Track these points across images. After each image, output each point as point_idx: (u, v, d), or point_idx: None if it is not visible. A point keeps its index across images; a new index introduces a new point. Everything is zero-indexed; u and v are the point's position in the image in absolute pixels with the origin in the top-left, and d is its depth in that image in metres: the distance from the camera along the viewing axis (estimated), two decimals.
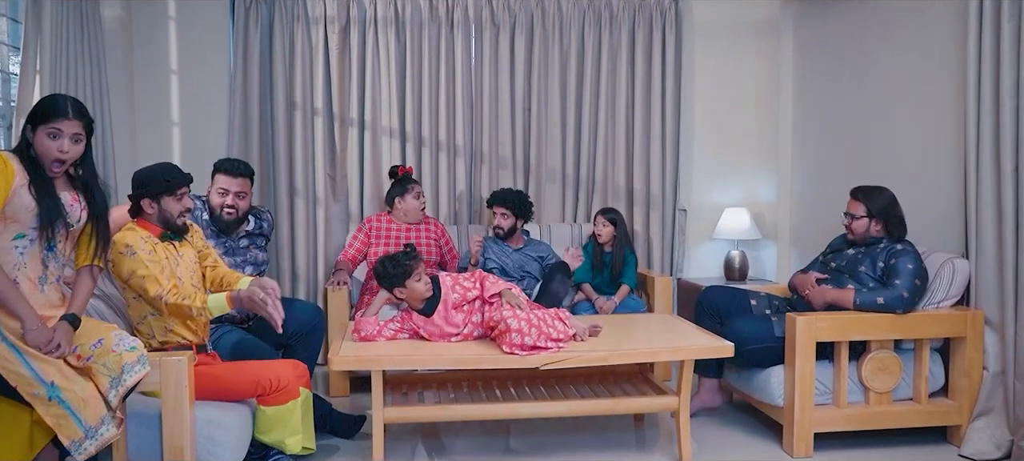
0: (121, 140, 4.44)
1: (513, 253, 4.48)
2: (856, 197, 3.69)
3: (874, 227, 3.64)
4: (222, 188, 3.69)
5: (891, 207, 3.63)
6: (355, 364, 3.13)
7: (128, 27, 4.65)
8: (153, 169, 3.04)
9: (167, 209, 2.99)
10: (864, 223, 3.65)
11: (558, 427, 3.81)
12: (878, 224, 3.64)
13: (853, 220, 3.68)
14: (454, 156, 4.99)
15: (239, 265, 3.68)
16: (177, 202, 3.01)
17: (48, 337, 2.49)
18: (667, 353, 3.29)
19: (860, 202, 3.66)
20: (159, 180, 2.98)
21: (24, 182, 2.50)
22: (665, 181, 5.17)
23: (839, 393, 3.48)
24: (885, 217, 3.62)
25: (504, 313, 3.18)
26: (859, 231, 3.66)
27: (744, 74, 5.27)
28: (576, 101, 5.09)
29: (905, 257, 3.48)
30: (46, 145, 2.54)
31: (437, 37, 4.91)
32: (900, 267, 3.46)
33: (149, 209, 2.98)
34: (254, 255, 3.78)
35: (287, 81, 4.80)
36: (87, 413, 2.48)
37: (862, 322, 3.43)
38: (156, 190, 2.97)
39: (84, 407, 2.48)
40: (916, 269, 3.45)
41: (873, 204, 3.63)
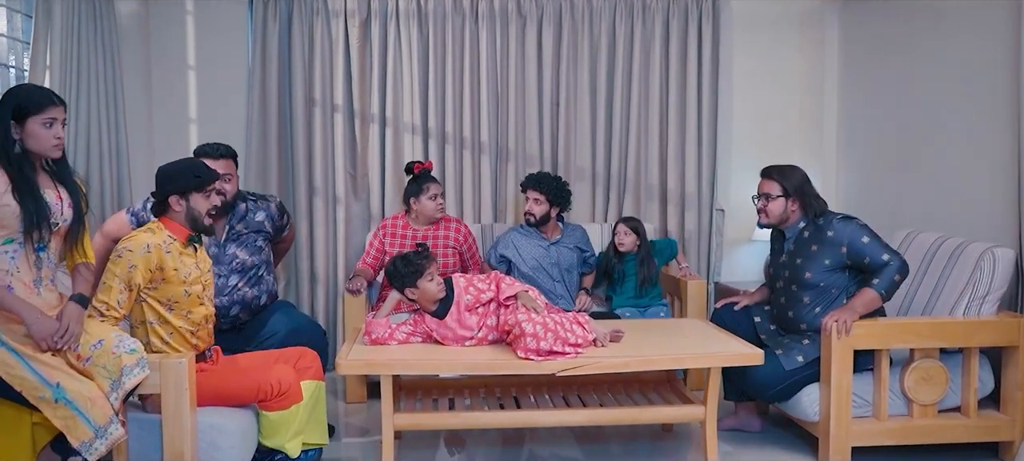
0: (138, 137, 4.51)
1: (549, 246, 4.32)
2: (770, 176, 3.60)
3: (791, 207, 3.56)
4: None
5: (805, 184, 3.55)
6: (364, 368, 3.12)
7: (145, 22, 4.72)
8: (181, 164, 3.02)
9: (196, 207, 2.97)
10: (780, 204, 3.57)
11: (582, 435, 3.76)
12: (794, 203, 3.55)
13: (768, 201, 3.59)
14: (479, 153, 4.96)
15: (224, 274, 3.57)
16: (206, 199, 3.00)
17: (54, 326, 2.51)
18: (691, 360, 3.22)
19: (775, 181, 3.57)
20: (189, 176, 2.96)
21: (6, 188, 2.51)
22: (701, 180, 5.08)
23: (879, 405, 3.37)
24: (801, 195, 3.54)
25: (519, 316, 3.14)
26: (775, 213, 3.58)
27: (786, 68, 5.16)
28: (606, 96, 5.03)
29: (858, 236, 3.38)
30: (42, 135, 2.57)
31: (461, 30, 4.89)
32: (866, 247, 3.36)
33: (177, 207, 2.95)
34: (241, 261, 3.63)
35: (306, 76, 4.82)
36: (95, 413, 2.51)
37: (903, 329, 3.32)
38: (186, 186, 2.95)
39: (92, 407, 2.51)
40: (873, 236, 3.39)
41: (789, 182, 3.55)
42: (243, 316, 3.62)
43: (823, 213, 3.54)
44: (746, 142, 5.17)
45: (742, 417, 3.79)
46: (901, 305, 3.75)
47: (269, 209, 3.78)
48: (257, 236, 3.69)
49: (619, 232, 4.39)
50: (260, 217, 3.73)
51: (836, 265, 3.43)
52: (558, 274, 4.30)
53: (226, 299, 3.55)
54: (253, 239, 3.68)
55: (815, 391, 3.39)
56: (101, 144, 3.93)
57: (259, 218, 3.72)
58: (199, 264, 3.02)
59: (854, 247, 3.38)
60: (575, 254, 4.37)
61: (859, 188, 4.84)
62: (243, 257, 3.63)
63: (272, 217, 3.78)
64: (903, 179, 4.43)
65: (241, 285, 3.59)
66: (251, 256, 3.65)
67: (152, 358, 2.66)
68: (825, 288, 3.46)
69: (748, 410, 3.79)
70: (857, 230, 3.40)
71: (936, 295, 3.59)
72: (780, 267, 3.67)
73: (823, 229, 3.47)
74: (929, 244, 3.72)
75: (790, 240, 3.62)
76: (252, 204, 3.74)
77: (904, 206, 4.41)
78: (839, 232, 3.42)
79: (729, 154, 5.18)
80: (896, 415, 3.41)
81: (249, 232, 3.67)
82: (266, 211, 3.76)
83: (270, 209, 3.79)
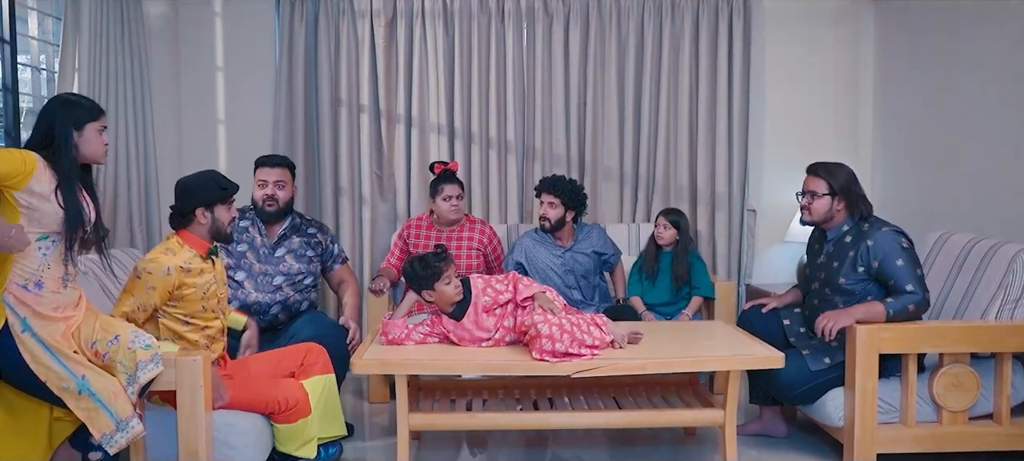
0: (167, 138, 4.64)
1: (564, 253, 4.29)
2: (816, 173, 3.54)
3: (836, 206, 3.49)
4: (261, 180, 3.85)
5: (853, 184, 3.49)
6: (378, 368, 3.18)
7: (174, 24, 4.84)
8: (204, 177, 3.09)
9: (220, 218, 3.05)
10: (826, 202, 3.49)
11: (605, 437, 3.78)
12: (840, 202, 3.49)
13: (813, 199, 3.52)
14: (505, 153, 5.00)
15: (269, 274, 3.76)
16: (227, 211, 3.08)
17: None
18: (710, 362, 3.22)
19: (821, 178, 3.51)
20: (214, 187, 3.04)
21: (53, 188, 2.62)
22: (732, 180, 5.06)
23: (907, 411, 3.33)
24: (847, 194, 3.47)
25: (535, 318, 3.17)
26: (820, 211, 3.51)
27: (820, 65, 5.11)
28: (635, 95, 5.03)
29: (894, 256, 3.32)
30: (96, 142, 2.72)
31: (487, 29, 4.94)
32: (897, 270, 3.30)
33: (203, 219, 3.03)
34: (288, 266, 3.83)
35: (332, 77, 4.90)
36: (117, 406, 2.60)
37: (931, 333, 3.27)
38: (211, 198, 3.03)
39: (115, 400, 2.60)
40: (911, 261, 3.31)
41: (835, 180, 3.48)
42: (281, 317, 3.79)
43: (869, 217, 3.48)
44: (779, 141, 5.13)
45: (767, 421, 3.77)
46: (932, 309, 3.69)
47: (324, 230, 4.07)
48: (309, 249, 3.92)
49: (659, 225, 4.33)
50: (314, 231, 3.99)
51: (870, 274, 3.39)
52: (574, 280, 4.27)
53: (268, 297, 3.73)
54: (305, 250, 3.90)
55: (840, 395, 3.36)
56: (128, 147, 4.04)
57: (313, 232, 3.98)
58: (216, 275, 3.11)
59: (886, 264, 3.33)
60: (592, 260, 4.31)
61: (895, 187, 4.78)
62: (291, 263, 3.85)
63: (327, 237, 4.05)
64: (939, 179, 4.37)
65: (285, 287, 3.79)
66: (299, 264, 3.86)
67: (169, 356, 2.74)
68: (858, 295, 3.41)
69: (774, 414, 3.77)
70: (895, 249, 3.33)
71: (968, 298, 3.53)
72: (816, 268, 3.63)
73: (865, 236, 3.40)
74: (962, 245, 3.67)
75: (831, 242, 3.56)
76: (308, 223, 4.01)
77: (940, 206, 4.35)
78: (878, 244, 3.36)
79: (761, 153, 5.14)
80: (925, 421, 3.36)
81: (303, 242, 3.91)
82: (323, 232, 4.04)
83: (325, 231, 4.07)
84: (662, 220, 4.33)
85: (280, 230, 3.88)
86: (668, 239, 4.30)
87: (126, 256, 3.76)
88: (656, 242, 4.35)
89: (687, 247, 4.30)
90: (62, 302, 2.69)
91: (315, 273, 3.94)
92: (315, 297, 3.98)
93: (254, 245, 3.81)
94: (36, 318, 2.62)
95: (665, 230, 4.30)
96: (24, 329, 2.57)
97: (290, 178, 3.91)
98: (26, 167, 2.52)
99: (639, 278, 4.39)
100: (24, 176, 2.52)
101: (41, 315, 2.63)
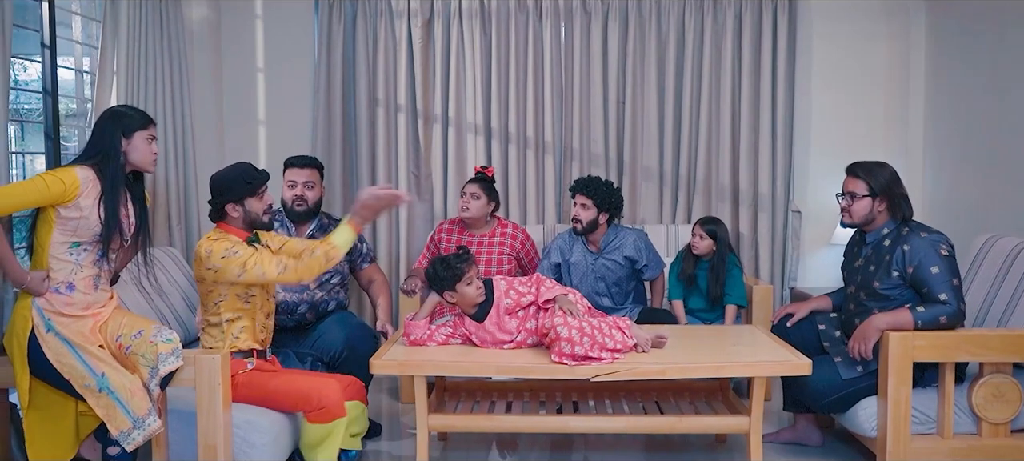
0: (208, 139, 4.77)
1: (596, 259, 4.23)
2: (855, 174, 3.44)
3: (877, 207, 3.38)
4: (291, 180, 3.95)
5: (895, 184, 3.38)
6: (396, 369, 3.23)
7: (216, 27, 4.98)
8: (231, 171, 3.22)
9: (252, 210, 3.17)
10: (866, 204, 3.39)
11: (633, 443, 3.77)
12: (881, 203, 3.38)
13: (853, 200, 3.42)
14: (542, 153, 5.02)
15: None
16: (260, 201, 3.20)
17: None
18: (733, 368, 3.19)
19: (861, 179, 3.41)
20: (241, 182, 3.16)
21: (95, 200, 2.75)
22: (775, 180, 4.98)
23: (944, 422, 3.24)
24: (889, 195, 3.36)
25: (555, 320, 3.18)
26: (860, 213, 3.41)
27: (869, 61, 4.99)
28: (675, 93, 4.99)
29: (929, 263, 3.21)
30: (144, 150, 2.89)
31: (524, 28, 4.96)
32: (931, 277, 3.20)
33: (234, 213, 3.16)
34: None
35: (370, 77, 4.98)
36: (134, 404, 2.71)
37: (970, 341, 3.18)
38: (240, 193, 3.15)
39: (132, 398, 2.71)
40: (948, 269, 3.20)
41: (875, 181, 3.37)
42: (309, 316, 3.87)
43: (910, 221, 3.39)
44: (825, 140, 5.03)
45: (801, 429, 3.71)
46: (975, 316, 3.59)
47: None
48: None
49: (695, 234, 4.23)
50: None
51: (905, 280, 3.30)
52: (605, 287, 4.24)
53: (295, 296, 3.81)
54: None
55: (873, 404, 3.29)
56: (166, 148, 4.16)
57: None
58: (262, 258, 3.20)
59: (921, 271, 3.23)
60: (624, 267, 4.23)
61: (946, 188, 4.65)
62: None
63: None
64: (992, 180, 4.24)
65: (313, 287, 3.86)
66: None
67: (187, 353, 2.84)
68: (894, 301, 3.32)
69: (808, 422, 3.71)
70: (932, 255, 3.22)
71: (1013, 304, 3.42)
72: (854, 272, 3.56)
73: (904, 239, 3.31)
74: (1008, 250, 3.56)
75: (870, 245, 3.48)
76: (334, 221, 4.03)
77: (993, 208, 4.22)
78: (915, 248, 3.26)
79: (807, 153, 5.05)
80: (963, 433, 3.27)
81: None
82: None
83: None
84: (699, 229, 4.22)
85: (308, 230, 3.96)
86: (704, 249, 4.20)
87: (165, 255, 3.90)
88: (691, 250, 4.26)
89: (724, 258, 4.19)
90: (92, 301, 2.82)
91: (343, 272, 4.01)
92: (344, 297, 4.04)
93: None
94: (63, 318, 2.74)
95: (701, 240, 4.20)
96: (48, 329, 2.71)
97: (319, 179, 4.00)
98: (67, 192, 2.69)
99: (677, 283, 4.32)
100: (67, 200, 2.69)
101: (70, 315, 2.76)
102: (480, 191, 4.31)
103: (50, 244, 2.72)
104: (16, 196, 2.64)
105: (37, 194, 2.65)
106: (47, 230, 2.72)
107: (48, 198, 2.66)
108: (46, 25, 3.64)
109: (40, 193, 2.65)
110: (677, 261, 4.35)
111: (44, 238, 2.73)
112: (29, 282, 2.70)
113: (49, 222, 2.71)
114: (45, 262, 2.73)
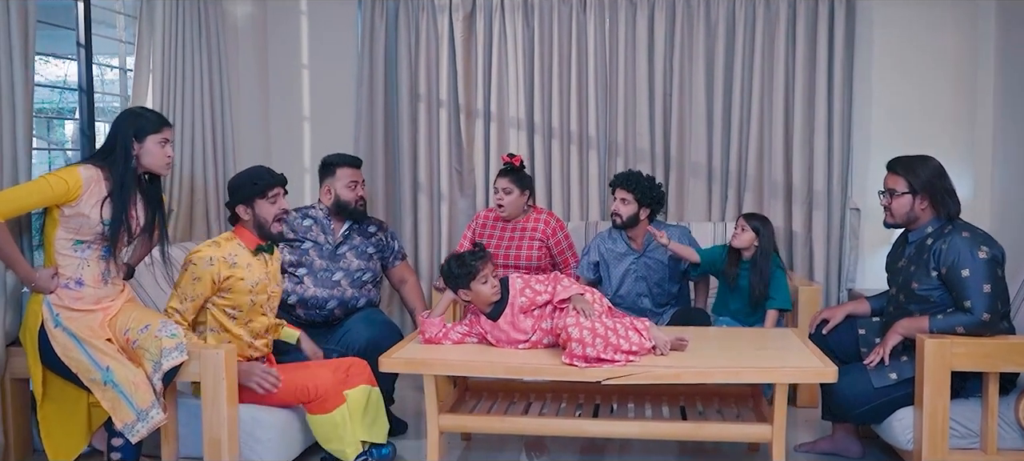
0: (254, 136, 4.90)
1: (638, 258, 4.13)
2: (895, 170, 3.28)
3: (919, 205, 3.21)
4: (352, 181, 3.99)
5: (938, 179, 3.20)
6: (403, 367, 3.23)
7: (262, 24, 5.10)
8: (244, 174, 3.30)
9: (261, 213, 3.22)
10: (907, 201, 3.22)
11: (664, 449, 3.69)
12: (923, 201, 3.20)
13: (893, 197, 3.26)
14: (586, 148, 4.95)
15: (329, 270, 3.89)
16: (271, 205, 3.24)
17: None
18: (750, 374, 3.07)
19: (900, 176, 3.25)
20: (248, 184, 3.23)
21: (99, 199, 2.85)
22: (832, 175, 4.79)
23: (987, 436, 3.05)
24: (931, 191, 3.19)
25: (568, 320, 3.12)
26: (901, 211, 3.25)
27: (934, 50, 4.74)
28: (724, 85, 4.85)
29: (961, 264, 3.04)
30: (158, 152, 2.98)
31: (568, 20, 4.90)
32: (960, 281, 3.03)
33: (245, 215, 3.23)
34: (348, 262, 3.95)
35: (412, 72, 5.01)
36: (138, 397, 2.80)
37: (1014, 350, 2.98)
38: (248, 194, 3.22)
39: (135, 391, 2.81)
40: (981, 274, 3.01)
41: (916, 177, 3.20)
42: (338, 313, 3.91)
43: (956, 219, 3.23)
44: (886, 134, 4.81)
45: (839, 440, 3.55)
46: None
47: (382, 226, 4.19)
48: (370, 246, 4.04)
49: (738, 226, 4.03)
50: (373, 229, 4.11)
51: (936, 281, 3.15)
52: (646, 288, 4.15)
53: (326, 292, 3.87)
54: (366, 247, 4.03)
55: (908, 415, 3.13)
56: (205, 146, 4.27)
57: (371, 230, 4.10)
58: (269, 273, 3.27)
59: (951, 273, 3.08)
60: (668, 266, 4.13)
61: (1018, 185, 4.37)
62: (352, 260, 3.97)
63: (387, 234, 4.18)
64: None
65: (345, 284, 3.91)
66: (359, 261, 3.98)
67: (194, 347, 2.91)
68: (935, 303, 3.16)
69: (846, 432, 3.54)
70: (966, 257, 3.06)
71: None
72: (896, 273, 3.40)
73: (945, 238, 3.15)
74: None
75: (912, 244, 3.32)
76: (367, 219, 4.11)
77: None
78: (952, 248, 3.10)
79: (867, 148, 4.84)
80: (1010, 449, 3.07)
81: (364, 240, 4.03)
82: (379, 227, 4.15)
83: (383, 227, 4.20)
84: (742, 221, 4.04)
85: (343, 228, 4.01)
86: (746, 242, 4.00)
87: None
88: (732, 247, 4.07)
89: (768, 254, 4.01)
90: (103, 295, 2.93)
91: (375, 270, 4.05)
92: (375, 295, 4.07)
93: (318, 243, 3.95)
94: (72, 312, 2.86)
95: (743, 232, 4.00)
96: (56, 325, 2.83)
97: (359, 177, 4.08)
98: (70, 192, 2.80)
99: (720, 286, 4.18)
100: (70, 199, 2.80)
101: (80, 310, 2.87)
102: (511, 185, 4.28)
103: (56, 241, 2.84)
104: (21, 199, 2.78)
105: (40, 195, 2.77)
106: (53, 227, 2.85)
107: (52, 198, 2.77)
108: (82, 25, 3.78)
109: (43, 193, 2.76)
110: (708, 253, 4.16)
111: (50, 235, 2.86)
112: (37, 280, 2.82)
113: (54, 220, 2.84)
114: (53, 258, 2.85)
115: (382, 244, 4.10)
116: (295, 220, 3.95)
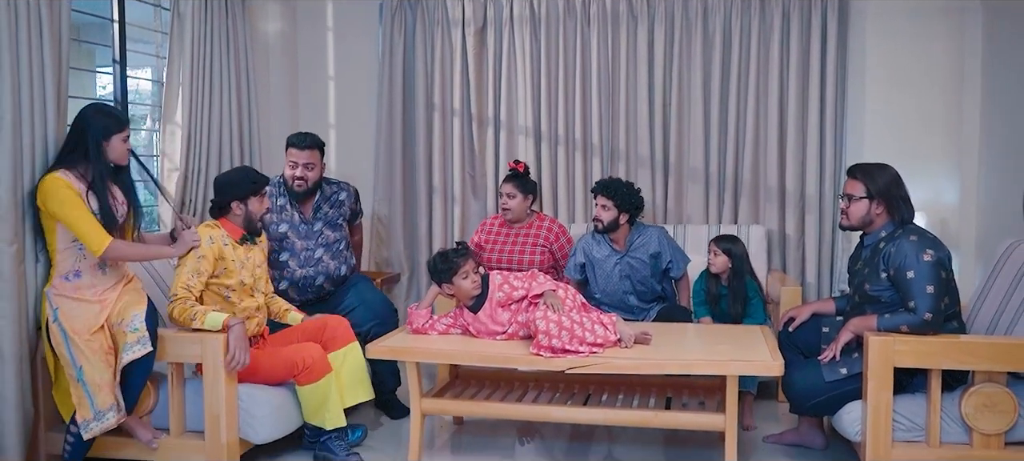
0: None
1: (621, 258, 4.27)
2: (854, 176, 3.39)
3: (875, 210, 3.32)
4: (292, 161, 4.13)
5: (894, 186, 3.31)
6: (387, 354, 3.47)
7: (293, 40, 5.41)
8: (236, 173, 3.61)
9: (252, 209, 3.53)
10: (864, 205, 3.34)
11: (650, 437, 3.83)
12: (879, 206, 3.31)
13: (851, 202, 3.37)
14: (590, 154, 5.13)
15: (310, 249, 4.10)
16: (260, 203, 3.55)
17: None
18: (702, 365, 3.24)
19: (859, 181, 3.36)
20: (247, 183, 3.52)
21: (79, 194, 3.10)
22: (823, 181, 4.89)
23: (931, 430, 3.15)
24: (887, 197, 3.29)
25: (536, 314, 3.33)
26: (857, 215, 3.37)
27: (924, 57, 4.78)
28: (721, 94, 4.98)
29: (907, 266, 3.14)
30: (120, 148, 3.22)
31: (573, 34, 5.09)
32: (906, 282, 3.13)
33: (238, 210, 3.52)
34: (326, 237, 4.15)
35: (427, 83, 5.27)
36: (99, 398, 3.05)
37: (956, 348, 3.08)
38: (244, 192, 3.51)
39: (98, 392, 3.05)
40: (925, 276, 3.11)
41: (874, 183, 3.32)
42: (327, 286, 4.16)
43: (908, 224, 3.34)
44: (878, 141, 4.85)
45: (804, 432, 3.67)
46: (988, 324, 3.45)
47: (348, 191, 4.36)
48: (339, 215, 4.26)
49: (710, 251, 4.19)
50: (342, 197, 4.31)
51: (885, 282, 3.26)
52: (631, 286, 4.29)
53: (312, 270, 4.12)
54: (336, 217, 4.25)
55: (857, 409, 3.24)
56: (232, 156, 4.52)
57: (342, 198, 4.30)
58: (253, 258, 3.55)
59: (898, 274, 3.19)
60: (649, 265, 4.26)
61: (1003, 193, 4.40)
62: (328, 234, 4.20)
63: (351, 198, 4.36)
64: None
65: (326, 258, 4.16)
66: (334, 232, 4.22)
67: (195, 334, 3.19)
68: (885, 304, 3.28)
69: (811, 424, 3.66)
70: (912, 259, 3.17)
71: (1020, 313, 3.27)
72: (854, 274, 3.53)
73: (894, 242, 3.27)
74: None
75: (867, 247, 3.45)
76: (335, 187, 4.31)
77: None
78: (899, 251, 3.22)
79: (859, 152, 4.88)
80: (954, 443, 3.16)
81: (334, 211, 4.24)
82: (346, 192, 4.34)
83: (349, 191, 4.37)
84: (714, 247, 4.17)
85: (312, 204, 4.19)
86: (720, 267, 4.15)
87: None
88: (710, 270, 4.21)
89: (742, 276, 4.14)
90: (104, 284, 3.16)
91: (347, 238, 4.30)
92: (353, 259, 4.30)
93: (293, 223, 4.13)
94: (72, 303, 3.09)
95: (716, 257, 4.15)
96: (54, 319, 3.08)
97: (319, 159, 4.15)
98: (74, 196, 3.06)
99: (703, 298, 4.28)
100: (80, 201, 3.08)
101: (79, 300, 3.10)
102: (515, 190, 4.48)
103: (56, 239, 3.11)
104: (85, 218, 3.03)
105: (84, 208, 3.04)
106: (51, 228, 3.11)
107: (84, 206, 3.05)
108: (117, 41, 4.12)
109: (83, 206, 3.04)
110: (701, 281, 4.31)
111: (50, 236, 3.12)
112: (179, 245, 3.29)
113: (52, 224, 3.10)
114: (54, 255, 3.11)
115: (350, 210, 4.33)
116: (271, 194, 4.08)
